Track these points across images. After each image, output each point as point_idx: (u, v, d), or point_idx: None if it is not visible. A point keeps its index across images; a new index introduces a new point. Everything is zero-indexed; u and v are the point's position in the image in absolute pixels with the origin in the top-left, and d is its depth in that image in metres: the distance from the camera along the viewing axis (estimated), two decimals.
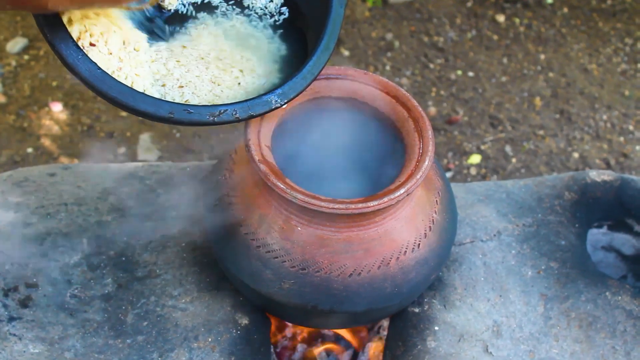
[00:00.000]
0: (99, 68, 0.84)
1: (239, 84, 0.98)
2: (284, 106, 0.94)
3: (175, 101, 0.93)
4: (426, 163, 1.00)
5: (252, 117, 0.91)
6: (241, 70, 1.00)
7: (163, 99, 0.91)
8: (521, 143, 2.44)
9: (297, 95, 0.94)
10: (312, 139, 1.13)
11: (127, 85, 0.85)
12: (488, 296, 1.26)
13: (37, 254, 1.24)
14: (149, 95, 0.86)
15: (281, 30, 1.05)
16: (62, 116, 2.35)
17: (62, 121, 2.33)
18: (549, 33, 2.84)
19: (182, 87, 0.96)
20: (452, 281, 1.28)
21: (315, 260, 1.01)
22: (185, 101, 0.94)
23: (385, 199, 0.95)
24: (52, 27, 0.80)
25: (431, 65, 2.67)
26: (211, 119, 0.88)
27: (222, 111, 0.89)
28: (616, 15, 2.94)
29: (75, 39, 0.84)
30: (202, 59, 1.00)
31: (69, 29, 0.85)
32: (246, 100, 0.91)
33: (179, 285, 1.24)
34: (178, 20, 1.03)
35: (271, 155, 1.00)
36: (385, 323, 1.36)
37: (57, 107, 2.37)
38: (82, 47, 0.85)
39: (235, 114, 0.89)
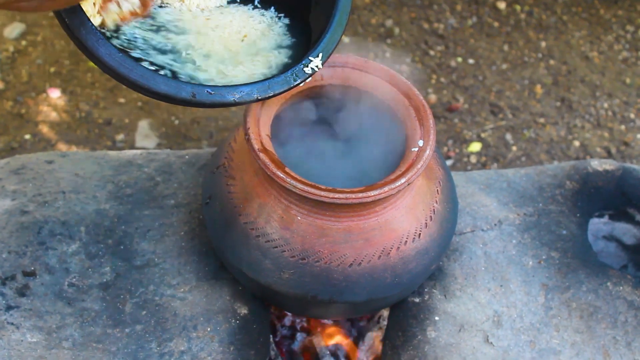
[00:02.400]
0: (119, 51, 0.83)
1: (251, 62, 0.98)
2: (301, 84, 0.94)
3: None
4: (427, 152, 0.99)
5: (271, 96, 0.92)
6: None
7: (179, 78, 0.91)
8: (522, 131, 2.43)
9: (314, 73, 0.94)
10: (312, 128, 1.12)
11: (147, 68, 0.85)
12: (488, 286, 1.26)
13: (35, 242, 1.23)
14: (169, 78, 0.86)
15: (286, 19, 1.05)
16: (60, 102, 2.33)
17: (60, 107, 2.32)
18: (550, 20, 2.82)
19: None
20: (452, 271, 1.27)
21: (315, 250, 1.00)
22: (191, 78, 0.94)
23: (386, 189, 0.94)
24: (71, 12, 0.79)
25: (431, 52, 2.65)
26: (232, 99, 0.88)
27: (242, 91, 0.89)
28: (617, 3, 2.92)
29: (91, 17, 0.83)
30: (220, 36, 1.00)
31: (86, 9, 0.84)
32: (265, 80, 0.91)
33: (177, 275, 1.23)
34: None
35: (271, 144, 0.99)
36: (385, 313, 1.36)
37: (55, 94, 2.35)
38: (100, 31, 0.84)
39: (255, 94, 0.90)
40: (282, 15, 1.05)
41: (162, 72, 0.90)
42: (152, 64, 0.91)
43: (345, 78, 1.11)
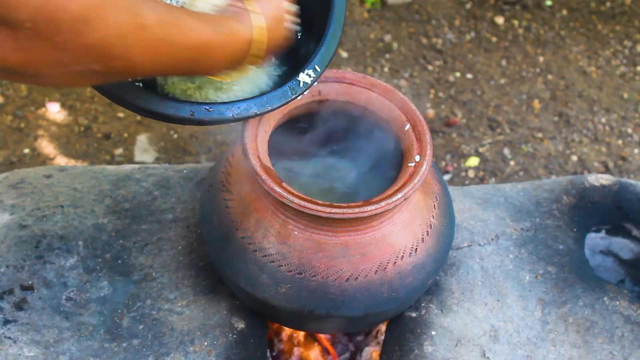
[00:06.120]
0: None
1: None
2: (298, 97, 0.95)
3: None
4: (424, 168, 1.00)
5: (269, 110, 0.92)
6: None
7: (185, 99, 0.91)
8: (519, 146, 2.43)
9: (311, 86, 0.95)
10: (309, 143, 1.13)
11: (144, 90, 0.85)
12: (485, 300, 1.26)
13: (33, 256, 1.24)
14: (168, 98, 0.86)
15: None
16: (59, 117, 2.34)
17: (59, 122, 2.33)
18: (547, 35, 2.83)
19: None
20: (449, 285, 1.28)
21: (312, 264, 1.01)
22: None
23: (383, 204, 0.94)
24: None
25: (430, 67, 2.67)
26: (230, 115, 0.88)
27: (240, 107, 0.89)
28: (615, 18, 2.93)
29: None
30: None
31: None
32: (263, 94, 0.91)
33: (175, 289, 1.23)
34: None
35: (268, 159, 1.00)
36: (382, 327, 1.36)
37: (54, 108, 2.36)
38: None
39: (253, 109, 0.90)
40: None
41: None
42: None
43: (343, 93, 1.11)
